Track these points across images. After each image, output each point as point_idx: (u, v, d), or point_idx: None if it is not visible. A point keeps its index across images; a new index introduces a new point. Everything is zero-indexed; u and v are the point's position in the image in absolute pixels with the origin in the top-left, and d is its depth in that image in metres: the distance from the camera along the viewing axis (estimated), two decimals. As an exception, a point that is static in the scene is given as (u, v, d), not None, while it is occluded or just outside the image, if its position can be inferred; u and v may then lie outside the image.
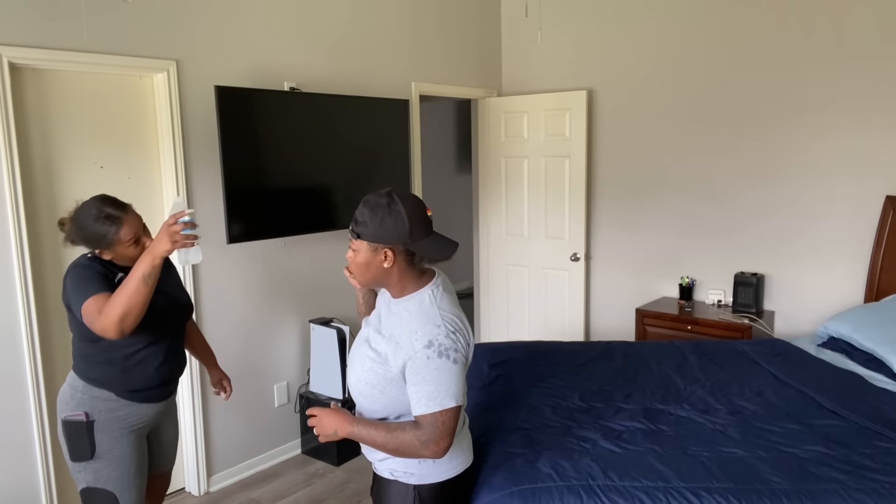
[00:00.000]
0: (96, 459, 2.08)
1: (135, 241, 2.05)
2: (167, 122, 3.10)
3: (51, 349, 2.85)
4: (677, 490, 1.92)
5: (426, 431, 1.62)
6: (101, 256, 2.08)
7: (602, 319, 4.75)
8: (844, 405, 2.50)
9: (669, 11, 4.19)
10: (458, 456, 1.81)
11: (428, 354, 1.62)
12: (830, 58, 3.66)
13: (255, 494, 3.41)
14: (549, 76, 4.78)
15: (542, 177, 4.71)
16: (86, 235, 2.02)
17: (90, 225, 2.01)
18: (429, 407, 1.62)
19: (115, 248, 2.04)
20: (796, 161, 3.84)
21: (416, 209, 1.68)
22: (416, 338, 1.65)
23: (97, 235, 2.01)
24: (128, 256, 2.06)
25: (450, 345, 1.64)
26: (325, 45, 3.77)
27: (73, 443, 2.08)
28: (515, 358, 3.08)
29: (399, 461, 1.75)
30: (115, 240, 2.01)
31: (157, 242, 1.93)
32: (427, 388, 1.62)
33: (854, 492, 1.91)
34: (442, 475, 1.77)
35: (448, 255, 1.70)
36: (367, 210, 1.66)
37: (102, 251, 2.05)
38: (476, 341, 5.26)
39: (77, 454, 2.08)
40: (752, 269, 4.05)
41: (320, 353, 3.71)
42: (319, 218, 3.69)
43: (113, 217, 2.01)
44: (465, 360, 1.69)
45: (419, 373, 1.63)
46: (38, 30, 2.66)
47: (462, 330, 1.70)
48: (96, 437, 2.07)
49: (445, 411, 1.62)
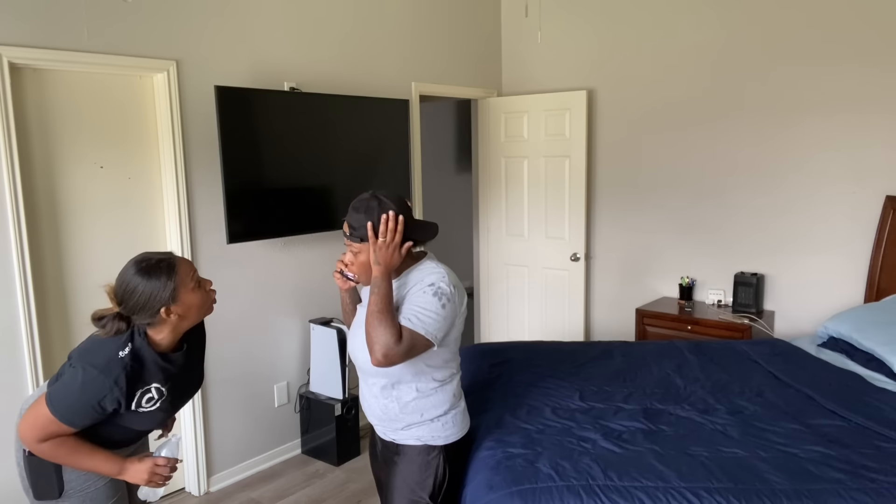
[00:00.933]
0: (64, 499, 1.81)
1: (197, 283, 1.81)
2: (167, 122, 3.10)
3: (51, 349, 2.85)
4: (677, 490, 1.92)
5: (401, 342, 1.81)
6: (151, 334, 1.77)
7: (602, 319, 4.75)
8: (844, 405, 2.50)
9: (669, 11, 4.19)
10: (466, 417, 2.11)
11: (425, 290, 1.86)
12: (831, 57, 3.66)
13: (255, 494, 3.41)
14: (549, 76, 4.78)
15: (542, 177, 4.71)
16: (140, 296, 1.71)
17: (142, 279, 1.71)
18: (411, 323, 1.82)
19: (180, 296, 1.75)
20: (796, 161, 3.84)
21: (401, 203, 1.91)
22: (424, 283, 1.88)
23: (156, 286, 1.71)
24: (194, 306, 1.80)
25: (446, 291, 1.87)
26: (325, 45, 3.77)
27: (38, 480, 1.80)
28: (515, 358, 3.07)
29: (426, 429, 1.98)
30: (177, 285, 1.73)
31: (131, 472, 1.79)
32: (413, 311, 1.84)
33: (854, 492, 1.91)
34: (458, 434, 2.05)
35: (435, 233, 1.95)
36: (362, 215, 1.86)
37: (161, 320, 1.75)
38: (476, 341, 5.26)
39: (42, 492, 1.80)
40: (752, 269, 4.05)
41: (320, 353, 3.71)
42: (319, 218, 3.69)
43: (164, 260, 1.75)
44: (454, 312, 1.89)
45: (414, 296, 1.87)
46: (38, 30, 2.66)
47: (460, 289, 1.93)
48: (64, 476, 1.80)
49: (418, 336, 1.82)
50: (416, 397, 1.95)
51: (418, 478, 1.99)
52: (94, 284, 2.98)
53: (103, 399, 1.69)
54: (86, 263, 2.97)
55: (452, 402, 2.02)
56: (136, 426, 1.84)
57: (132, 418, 1.79)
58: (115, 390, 1.68)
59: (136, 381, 1.73)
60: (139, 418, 1.81)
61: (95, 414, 1.71)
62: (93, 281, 2.98)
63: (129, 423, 1.80)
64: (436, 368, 1.96)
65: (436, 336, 1.85)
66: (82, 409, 1.69)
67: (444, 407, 1.99)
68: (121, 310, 1.73)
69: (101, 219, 3.01)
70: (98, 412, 1.71)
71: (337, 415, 3.63)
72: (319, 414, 3.70)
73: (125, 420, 1.79)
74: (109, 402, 1.70)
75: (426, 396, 1.96)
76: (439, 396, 1.98)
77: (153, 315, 1.73)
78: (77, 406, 1.69)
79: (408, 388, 1.95)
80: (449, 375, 2.00)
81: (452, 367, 2.02)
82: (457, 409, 2.04)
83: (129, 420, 1.79)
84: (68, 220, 2.90)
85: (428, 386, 1.96)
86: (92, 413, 1.70)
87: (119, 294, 1.73)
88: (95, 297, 2.98)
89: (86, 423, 1.72)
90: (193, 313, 1.81)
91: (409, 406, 1.96)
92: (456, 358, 2.04)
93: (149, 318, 1.74)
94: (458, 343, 2.02)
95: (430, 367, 1.95)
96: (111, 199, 3.04)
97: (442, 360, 1.96)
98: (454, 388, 2.03)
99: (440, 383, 1.98)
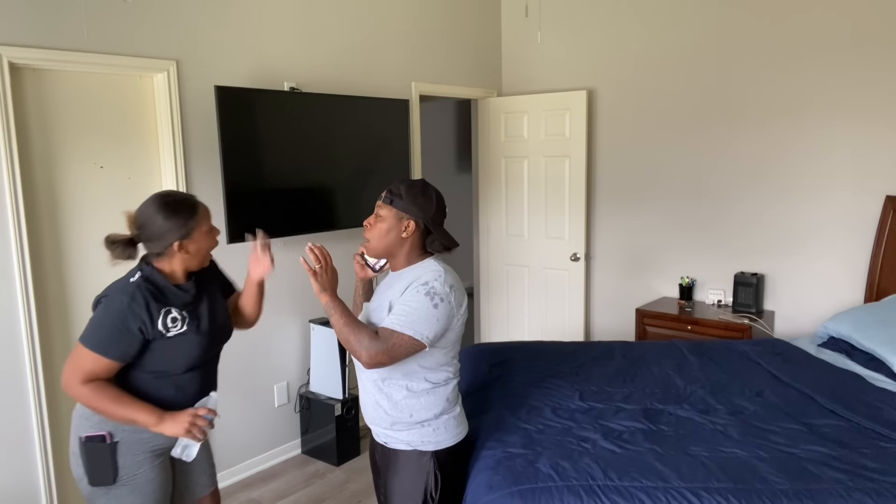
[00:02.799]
0: (118, 485, 1.90)
1: (210, 229, 1.93)
2: (167, 122, 3.10)
3: (51, 349, 2.85)
4: (677, 490, 1.92)
5: (377, 342, 1.82)
6: (159, 266, 1.90)
7: (602, 319, 4.75)
8: (844, 405, 2.50)
9: (669, 11, 4.19)
10: (461, 423, 2.06)
11: (418, 289, 1.86)
12: (831, 57, 3.66)
13: (255, 494, 3.41)
14: (549, 76, 4.78)
15: (542, 177, 4.71)
16: (159, 227, 1.83)
17: (163, 213, 1.83)
18: (393, 324, 1.83)
19: (195, 236, 1.88)
20: (797, 161, 3.84)
21: (441, 201, 1.99)
22: (419, 281, 1.88)
23: (175, 223, 1.84)
24: (203, 248, 1.94)
25: (440, 290, 1.86)
26: (325, 45, 3.77)
27: (93, 465, 1.88)
28: (515, 358, 3.07)
29: (416, 433, 1.95)
30: (195, 225, 1.88)
31: (169, 423, 1.84)
32: (401, 310, 1.85)
33: (854, 492, 1.91)
34: (451, 441, 2.00)
35: (454, 245, 1.98)
36: (404, 186, 1.93)
37: (171, 252, 1.87)
38: (476, 341, 5.26)
39: (97, 478, 1.89)
40: (752, 269, 4.05)
41: (320, 353, 3.71)
42: (319, 218, 3.69)
43: (188, 201, 1.89)
44: (450, 313, 1.87)
45: (407, 295, 1.87)
46: (38, 30, 2.66)
47: (458, 290, 1.92)
48: (119, 461, 1.89)
49: (404, 336, 1.82)
50: (406, 396, 1.94)
51: (409, 485, 1.97)
52: (94, 284, 2.98)
53: (126, 318, 1.79)
54: (86, 263, 2.97)
55: (445, 406, 1.98)
56: (174, 356, 1.89)
57: (166, 346, 1.87)
58: (134, 306, 1.79)
59: (153, 299, 1.83)
60: (173, 346, 1.88)
61: (124, 339, 1.80)
62: (93, 281, 2.98)
63: (166, 352, 1.87)
64: (429, 370, 1.94)
65: (426, 335, 1.83)
66: (110, 336, 1.79)
67: (434, 410, 1.96)
68: (135, 235, 1.87)
69: (101, 219, 3.00)
70: (126, 336, 1.80)
71: (337, 415, 3.63)
72: (319, 414, 3.71)
73: (162, 351, 1.87)
74: (132, 320, 1.79)
75: (417, 397, 1.94)
76: (431, 399, 1.95)
77: (165, 247, 1.86)
78: (105, 333, 1.80)
79: (398, 386, 1.94)
80: (444, 379, 1.98)
81: (449, 371, 1.99)
82: (450, 415, 2.00)
83: (164, 349, 1.87)
84: (68, 220, 2.90)
85: (419, 386, 1.94)
86: (121, 338, 1.79)
87: (139, 221, 1.86)
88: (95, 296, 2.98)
89: (120, 353, 1.81)
90: (201, 254, 1.95)
91: (399, 404, 1.94)
92: (453, 363, 2.01)
93: (160, 249, 1.86)
94: (456, 347, 1.99)
95: (423, 367, 1.93)
96: (111, 198, 3.04)
97: (436, 362, 1.94)
98: (448, 393, 1.99)
99: (433, 385, 1.96)
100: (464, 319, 1.96)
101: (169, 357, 1.89)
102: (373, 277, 2.12)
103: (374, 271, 2.05)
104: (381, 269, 2.07)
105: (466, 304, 1.96)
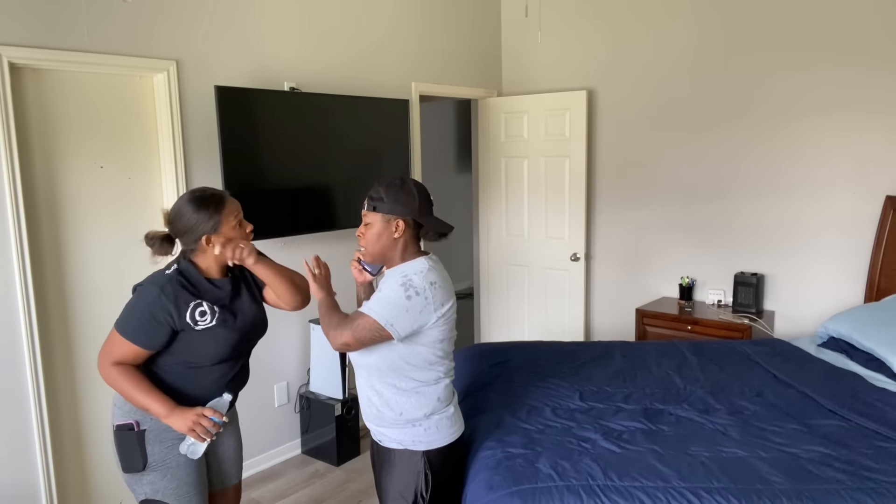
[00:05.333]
0: (150, 471, 1.95)
1: (239, 223, 1.96)
2: (167, 122, 3.10)
3: (51, 348, 2.85)
4: (677, 490, 1.92)
5: (347, 324, 1.90)
6: (195, 261, 1.96)
7: (602, 319, 4.75)
8: (844, 405, 2.51)
9: (670, 11, 4.19)
10: (455, 423, 2.05)
11: (397, 279, 1.90)
12: (831, 57, 3.66)
13: (255, 494, 3.41)
14: (549, 76, 4.78)
15: (542, 177, 4.71)
16: (187, 221, 1.90)
17: (192, 208, 1.90)
18: (363, 308, 1.89)
19: (222, 230, 1.92)
20: (796, 161, 3.84)
21: (423, 191, 1.97)
22: (401, 274, 1.92)
23: (203, 217, 1.89)
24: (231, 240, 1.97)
25: (417, 284, 1.87)
26: (325, 45, 3.77)
27: (125, 453, 1.95)
28: (515, 358, 3.08)
29: (407, 432, 1.96)
30: (221, 219, 1.91)
31: (177, 417, 1.88)
32: (374, 296, 1.90)
33: (854, 492, 1.91)
34: (444, 440, 2.00)
35: (448, 230, 1.98)
36: (383, 188, 1.93)
37: (201, 247, 1.93)
38: (476, 341, 5.26)
39: (129, 465, 1.96)
40: (752, 269, 4.05)
41: (320, 353, 3.71)
42: (319, 218, 3.69)
43: (217, 196, 1.94)
44: (423, 308, 1.87)
45: (380, 287, 1.93)
46: (38, 30, 2.66)
47: (442, 289, 1.91)
48: (147, 448, 1.94)
49: (370, 319, 1.86)
50: (395, 394, 1.95)
51: (400, 484, 1.98)
52: (94, 284, 2.99)
53: (154, 308, 1.85)
54: (86, 263, 2.97)
55: (436, 406, 1.98)
56: (202, 349, 1.94)
57: (195, 338, 1.92)
58: (163, 297, 1.85)
59: (184, 292, 1.89)
60: (202, 339, 1.92)
61: (151, 328, 1.86)
62: (93, 281, 2.98)
63: (194, 345, 1.92)
64: (416, 368, 1.93)
65: (391, 324, 1.84)
66: (140, 324, 1.86)
67: (424, 410, 1.96)
68: (169, 230, 1.95)
69: (101, 219, 3.01)
70: (153, 325, 1.86)
71: (337, 415, 3.63)
72: (319, 414, 3.71)
73: (190, 343, 1.92)
74: (160, 311, 1.85)
75: (406, 395, 1.94)
76: (421, 398, 1.95)
77: (196, 241, 1.92)
78: (134, 320, 1.87)
79: (387, 384, 1.95)
80: (433, 378, 1.97)
81: (439, 371, 1.97)
82: (442, 415, 1.99)
83: (193, 341, 1.92)
84: (68, 220, 2.90)
85: (407, 385, 1.94)
86: (148, 326, 1.86)
87: (171, 216, 1.93)
88: (95, 296, 2.98)
89: (147, 341, 1.87)
90: (222, 257, 1.97)
91: (389, 402, 1.96)
92: (444, 362, 1.98)
93: (192, 244, 1.93)
94: (446, 346, 1.98)
95: (409, 364, 1.93)
96: (111, 199, 3.04)
97: (423, 360, 1.93)
98: (439, 393, 1.98)
99: (421, 384, 1.95)
100: (450, 319, 1.94)
101: (197, 349, 1.94)
102: (372, 280, 2.13)
103: (371, 274, 2.07)
104: (378, 272, 2.08)
105: (454, 304, 1.95)
